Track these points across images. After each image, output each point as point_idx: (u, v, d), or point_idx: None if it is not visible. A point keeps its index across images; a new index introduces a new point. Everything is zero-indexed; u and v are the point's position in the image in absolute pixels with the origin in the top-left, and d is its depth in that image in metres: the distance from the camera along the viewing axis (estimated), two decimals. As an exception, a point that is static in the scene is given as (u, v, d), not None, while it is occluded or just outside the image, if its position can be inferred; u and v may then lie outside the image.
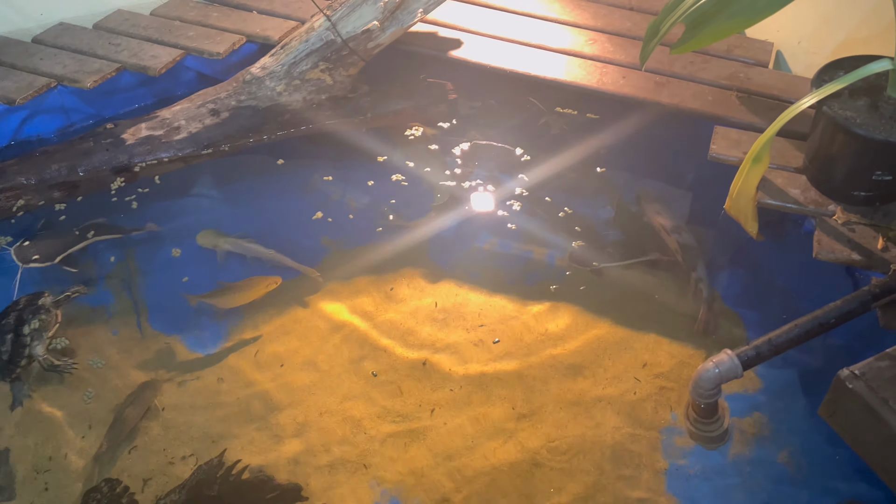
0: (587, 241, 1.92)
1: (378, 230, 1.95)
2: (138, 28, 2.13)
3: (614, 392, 1.63)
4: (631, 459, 1.50)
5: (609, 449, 1.52)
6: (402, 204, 2.01)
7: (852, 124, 1.50)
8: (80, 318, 1.76)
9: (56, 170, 1.85)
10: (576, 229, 1.95)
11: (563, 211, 1.99)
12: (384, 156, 2.09)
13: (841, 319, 1.34)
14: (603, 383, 1.65)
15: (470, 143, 2.13)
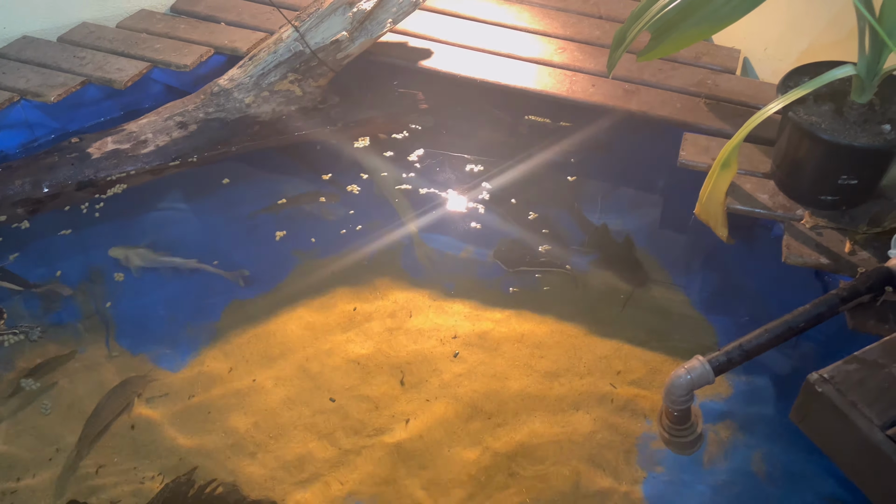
0: (558, 248, 1.92)
1: (348, 240, 1.94)
2: (104, 41, 2.10)
3: (590, 400, 1.63)
4: (607, 466, 1.50)
5: (585, 456, 1.51)
6: (370, 214, 2.00)
7: (817, 129, 1.52)
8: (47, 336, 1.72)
9: (20, 185, 1.81)
10: (544, 232, 1.95)
11: (531, 214, 1.99)
12: (352, 165, 2.08)
13: (810, 323, 1.35)
14: (578, 391, 1.64)
15: (439, 152, 2.13)
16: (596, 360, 1.70)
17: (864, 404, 1.11)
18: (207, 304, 1.80)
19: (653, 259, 1.90)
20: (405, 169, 2.09)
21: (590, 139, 2.14)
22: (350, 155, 2.10)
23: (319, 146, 2.10)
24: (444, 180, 2.07)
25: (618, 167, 2.16)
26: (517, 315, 1.79)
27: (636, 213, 2.03)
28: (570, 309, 1.80)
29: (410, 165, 2.10)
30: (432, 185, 2.05)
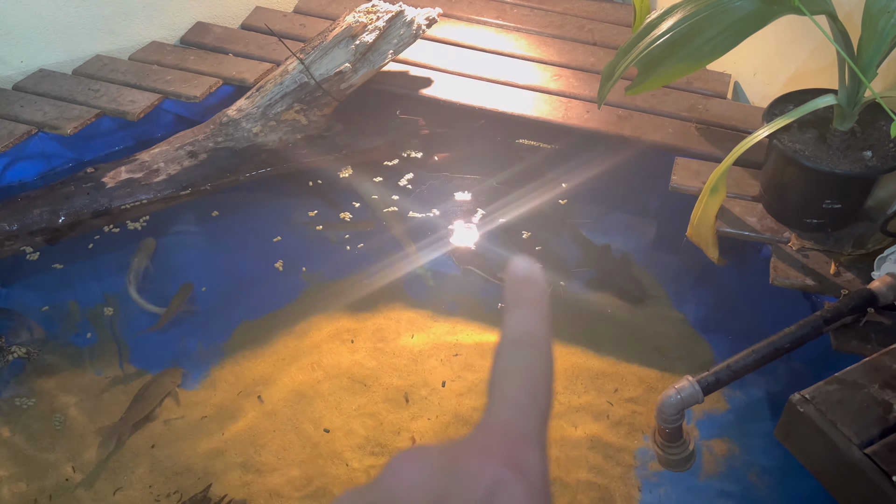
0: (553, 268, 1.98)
1: (353, 263, 2.01)
2: (117, 73, 2.18)
3: (587, 417, 1.68)
4: (605, 482, 1.55)
5: (584, 472, 1.57)
6: (373, 237, 2.07)
7: (801, 157, 1.58)
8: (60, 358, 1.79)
9: (38, 214, 1.89)
10: (536, 249, 2.01)
11: (526, 234, 2.05)
12: (356, 190, 2.15)
13: (795, 344, 1.41)
14: (576, 408, 1.70)
15: (441, 175, 2.20)
16: (592, 378, 1.76)
17: (843, 424, 1.17)
18: (217, 324, 1.87)
19: (650, 277, 1.97)
20: (405, 193, 2.17)
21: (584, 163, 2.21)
22: (355, 180, 2.17)
23: (324, 172, 2.18)
24: (443, 203, 2.13)
25: (612, 190, 2.22)
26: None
27: (632, 234, 2.10)
28: (568, 327, 1.86)
29: (411, 190, 2.18)
30: (432, 208, 2.12)
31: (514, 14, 2.47)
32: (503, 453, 0.29)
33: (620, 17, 2.47)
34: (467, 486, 0.28)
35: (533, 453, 0.30)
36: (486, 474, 0.28)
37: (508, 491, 0.28)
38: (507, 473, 0.28)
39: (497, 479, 0.28)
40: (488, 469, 0.28)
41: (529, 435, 0.30)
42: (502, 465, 0.29)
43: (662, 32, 1.37)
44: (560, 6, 2.52)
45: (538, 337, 0.33)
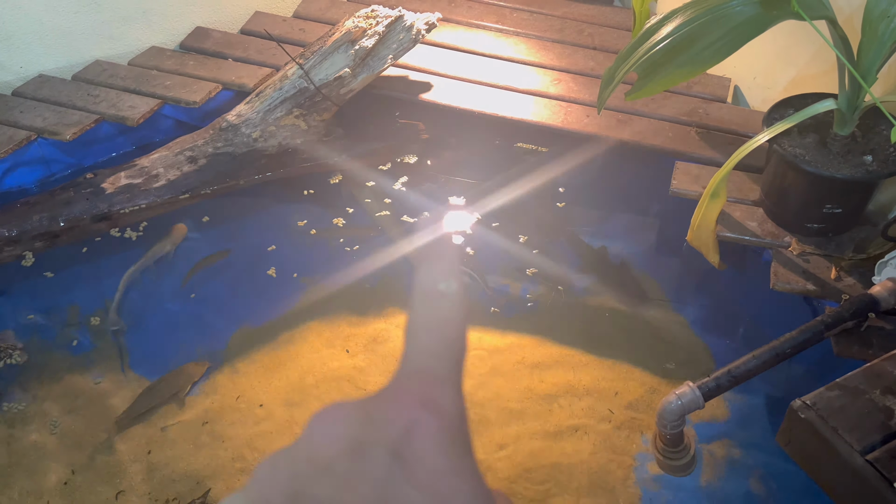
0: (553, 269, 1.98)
1: (353, 267, 2.01)
2: (116, 78, 2.18)
3: (589, 421, 1.68)
4: (606, 486, 1.55)
5: (585, 477, 1.57)
6: (374, 241, 2.07)
7: (801, 161, 1.58)
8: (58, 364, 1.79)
9: (38, 220, 1.88)
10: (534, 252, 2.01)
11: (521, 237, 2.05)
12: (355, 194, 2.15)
13: (796, 349, 1.41)
14: (578, 412, 1.70)
15: (438, 178, 2.20)
16: (594, 382, 1.75)
17: (844, 430, 1.17)
18: (216, 330, 1.87)
19: (652, 281, 1.96)
20: (405, 196, 2.17)
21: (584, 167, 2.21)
22: (355, 184, 2.17)
23: (324, 177, 2.18)
24: (441, 206, 2.13)
25: (612, 194, 2.22)
26: (516, 337, 1.85)
27: (632, 238, 2.09)
28: (568, 331, 1.86)
29: (411, 193, 2.17)
30: (430, 211, 2.12)
31: (514, 18, 2.47)
32: (418, 396, 0.30)
33: (620, 21, 2.47)
34: (385, 429, 0.29)
35: (446, 393, 0.31)
36: (402, 416, 0.30)
37: (423, 428, 0.29)
38: (421, 413, 0.30)
39: (412, 418, 0.30)
40: (404, 412, 0.30)
41: (443, 378, 0.32)
42: (417, 406, 0.30)
43: (662, 37, 1.36)
44: (559, 10, 2.52)
45: (450, 287, 0.34)
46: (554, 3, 2.55)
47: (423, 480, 0.28)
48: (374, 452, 0.29)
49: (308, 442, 0.31)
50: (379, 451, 0.29)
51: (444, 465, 0.29)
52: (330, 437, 0.30)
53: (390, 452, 0.29)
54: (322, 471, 0.29)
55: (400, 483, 0.28)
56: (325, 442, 0.30)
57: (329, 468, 0.29)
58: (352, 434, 0.30)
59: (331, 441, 0.30)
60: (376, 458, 0.29)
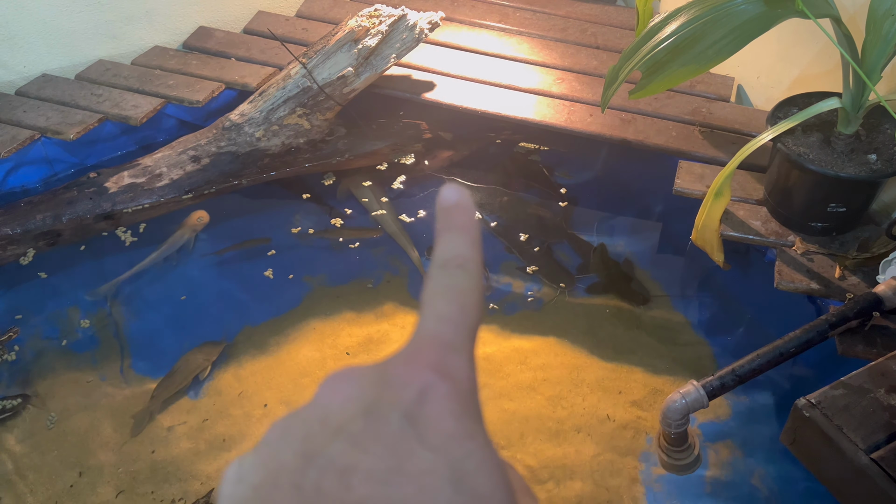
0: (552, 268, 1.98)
1: (355, 267, 2.01)
2: (119, 78, 2.18)
3: (593, 421, 1.68)
4: (610, 486, 1.55)
5: (589, 477, 1.57)
6: (376, 241, 2.07)
7: (805, 160, 1.57)
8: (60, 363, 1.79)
9: (41, 219, 1.89)
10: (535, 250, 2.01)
11: (522, 236, 2.05)
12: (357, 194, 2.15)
13: (801, 348, 1.40)
14: (581, 412, 1.70)
15: (439, 178, 2.20)
16: (597, 382, 1.75)
17: (849, 429, 1.16)
18: (219, 329, 1.87)
19: (654, 282, 1.96)
20: (405, 196, 2.17)
21: (587, 167, 2.21)
22: (356, 184, 2.17)
23: (326, 176, 2.18)
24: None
25: (615, 194, 2.22)
26: (520, 337, 1.85)
27: (635, 238, 2.09)
28: (571, 331, 1.85)
29: (411, 192, 2.18)
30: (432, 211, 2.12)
31: (517, 18, 2.47)
32: (431, 361, 0.31)
33: (623, 20, 2.46)
34: (397, 391, 0.30)
35: (460, 360, 0.31)
36: (416, 380, 0.30)
37: (436, 392, 0.30)
38: (434, 378, 0.30)
39: (426, 382, 0.30)
40: (417, 375, 0.30)
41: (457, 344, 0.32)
42: (430, 370, 0.30)
43: (666, 36, 1.36)
44: (562, 10, 2.51)
45: (467, 258, 0.35)
46: (557, 3, 2.55)
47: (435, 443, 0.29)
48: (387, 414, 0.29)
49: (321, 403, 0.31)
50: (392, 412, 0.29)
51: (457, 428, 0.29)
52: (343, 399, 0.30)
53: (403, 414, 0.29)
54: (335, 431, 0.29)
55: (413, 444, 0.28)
56: (338, 403, 0.30)
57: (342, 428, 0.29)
58: (365, 396, 0.30)
59: (344, 402, 0.30)
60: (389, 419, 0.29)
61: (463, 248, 0.35)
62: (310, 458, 0.29)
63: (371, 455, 0.28)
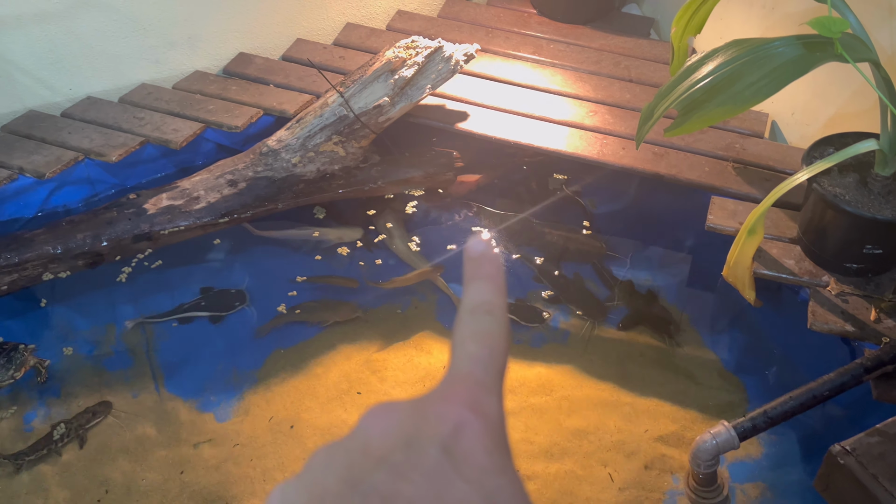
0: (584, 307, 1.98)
1: (384, 293, 2.02)
2: (161, 102, 2.24)
3: (618, 456, 1.67)
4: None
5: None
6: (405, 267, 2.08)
7: (841, 201, 1.57)
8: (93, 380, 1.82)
9: (81, 239, 1.93)
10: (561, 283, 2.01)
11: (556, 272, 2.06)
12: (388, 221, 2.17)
13: (834, 392, 1.39)
14: (608, 446, 1.68)
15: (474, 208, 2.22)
16: (624, 417, 1.74)
17: (885, 478, 1.15)
18: (250, 351, 1.90)
19: (683, 316, 1.95)
20: (435, 223, 2.19)
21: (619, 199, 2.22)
22: (389, 211, 2.19)
23: (359, 203, 2.21)
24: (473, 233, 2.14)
25: (646, 227, 2.22)
26: (546, 368, 1.84)
27: (665, 272, 2.08)
28: (597, 363, 1.85)
29: (441, 220, 2.19)
30: (461, 240, 2.14)
31: (551, 49, 2.50)
32: (465, 399, 0.33)
33: (657, 54, 2.48)
34: (434, 426, 0.32)
35: (491, 399, 0.34)
36: (451, 416, 0.32)
37: (471, 428, 0.32)
38: (469, 415, 0.32)
39: (461, 418, 0.32)
40: (453, 411, 0.32)
41: (488, 385, 0.34)
42: (465, 408, 0.32)
43: (703, 76, 1.37)
44: (596, 43, 2.54)
45: (495, 306, 0.37)
46: (590, 35, 2.57)
47: (470, 475, 0.30)
48: (426, 446, 0.31)
49: (362, 434, 0.33)
50: (430, 445, 0.31)
51: (490, 463, 0.31)
52: (383, 431, 0.32)
53: (441, 448, 0.31)
54: (377, 461, 0.31)
55: (450, 476, 0.30)
56: (379, 434, 0.32)
57: (384, 459, 0.31)
58: (404, 429, 0.32)
59: (384, 434, 0.32)
60: (428, 451, 0.31)
61: (490, 296, 0.37)
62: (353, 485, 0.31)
63: (412, 484, 0.30)
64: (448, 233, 2.18)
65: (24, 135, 2.11)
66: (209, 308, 1.98)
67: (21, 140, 2.08)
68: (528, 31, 2.60)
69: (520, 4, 2.74)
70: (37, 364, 1.81)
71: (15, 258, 1.88)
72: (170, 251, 2.07)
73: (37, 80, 2.18)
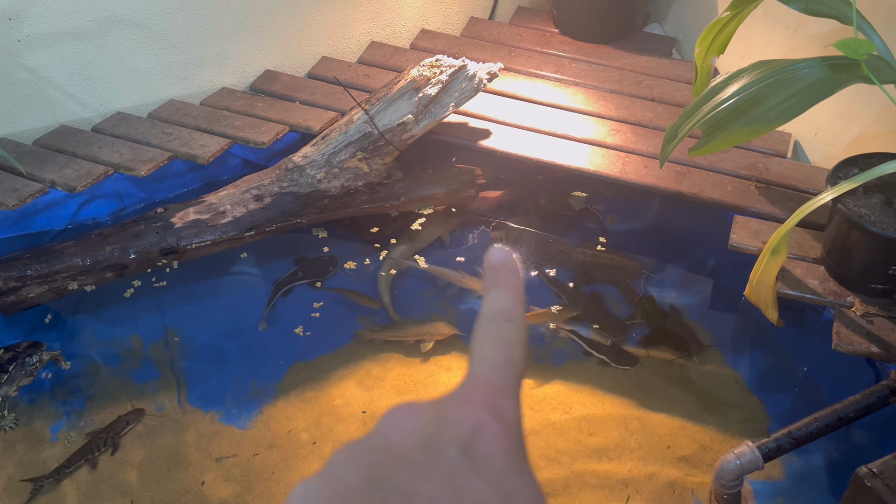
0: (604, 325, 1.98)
1: (405, 308, 2.04)
2: (189, 117, 2.28)
3: (639, 475, 1.66)
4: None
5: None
6: (426, 283, 2.10)
7: (866, 222, 1.56)
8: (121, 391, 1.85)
9: (109, 251, 1.97)
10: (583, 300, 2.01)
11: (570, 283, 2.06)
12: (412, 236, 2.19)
13: (860, 414, 1.38)
14: (628, 465, 1.68)
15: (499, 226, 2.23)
16: (646, 436, 1.73)
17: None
18: (270, 364, 1.92)
19: (705, 334, 1.95)
20: (459, 240, 2.20)
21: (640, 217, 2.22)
22: (413, 226, 2.21)
23: (382, 218, 2.23)
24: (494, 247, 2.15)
25: (668, 245, 2.22)
26: (566, 386, 1.84)
27: (687, 290, 2.08)
28: (620, 381, 1.85)
29: (465, 237, 2.21)
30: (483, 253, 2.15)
31: (573, 68, 2.51)
32: (484, 402, 0.34)
33: (679, 73, 2.49)
34: (454, 428, 0.32)
35: (509, 404, 0.34)
36: (470, 418, 0.33)
37: (489, 431, 0.32)
38: (487, 417, 0.33)
39: (479, 421, 0.33)
40: (472, 414, 0.33)
41: (506, 389, 0.35)
42: (483, 411, 0.33)
43: (728, 96, 1.38)
44: (618, 62, 2.55)
45: (514, 313, 0.38)
46: (613, 54, 2.59)
47: (489, 476, 0.31)
48: (445, 447, 0.32)
49: (383, 434, 0.34)
50: (450, 446, 0.32)
51: (508, 464, 0.32)
52: (404, 431, 0.33)
53: (460, 448, 0.32)
54: (398, 459, 0.32)
55: (469, 476, 0.31)
56: (400, 434, 0.33)
57: (405, 458, 0.32)
58: (424, 429, 0.33)
59: (405, 434, 0.33)
60: (448, 452, 0.32)
61: (510, 304, 0.38)
62: (375, 483, 0.32)
63: (433, 483, 0.31)
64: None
65: (55, 149, 2.15)
66: (307, 276, 2.09)
67: (53, 154, 2.13)
68: (551, 50, 2.62)
69: (542, 23, 2.77)
70: (52, 358, 1.86)
71: (45, 269, 1.92)
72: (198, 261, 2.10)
73: (69, 95, 2.23)
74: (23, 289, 1.91)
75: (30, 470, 1.69)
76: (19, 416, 1.79)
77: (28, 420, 1.79)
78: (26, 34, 2.07)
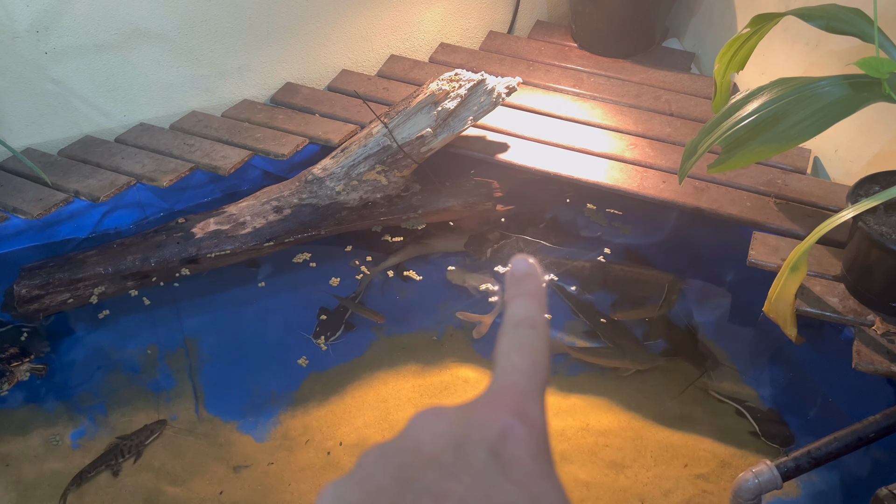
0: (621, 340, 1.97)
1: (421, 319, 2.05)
2: (210, 129, 2.31)
3: (656, 491, 1.65)
4: (672, 565, 1.52)
5: (650, 552, 1.54)
6: (441, 294, 2.10)
7: (887, 240, 1.55)
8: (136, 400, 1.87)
9: (131, 261, 1.99)
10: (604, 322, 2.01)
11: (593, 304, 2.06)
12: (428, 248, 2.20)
13: (881, 434, 1.37)
14: (644, 481, 1.67)
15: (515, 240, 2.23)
16: (662, 452, 1.73)
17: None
18: (287, 374, 1.93)
19: (722, 351, 1.94)
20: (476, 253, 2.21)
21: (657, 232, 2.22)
22: (427, 238, 2.22)
23: (400, 230, 2.24)
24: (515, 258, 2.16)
25: (685, 261, 2.21)
26: (582, 400, 1.84)
27: (705, 306, 2.08)
28: (636, 396, 1.84)
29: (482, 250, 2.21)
30: (500, 269, 2.15)
31: (591, 83, 2.52)
32: (511, 406, 0.34)
33: (698, 88, 2.49)
34: (482, 430, 0.33)
35: (535, 408, 0.35)
36: (498, 421, 0.33)
37: (517, 434, 0.33)
38: (515, 421, 0.34)
39: (507, 424, 0.33)
40: (499, 417, 0.34)
41: (532, 394, 0.36)
42: (511, 414, 0.34)
43: (748, 113, 1.38)
44: (637, 76, 2.56)
45: (537, 321, 0.39)
46: (631, 69, 2.60)
47: (517, 478, 0.32)
48: (474, 449, 0.33)
49: (412, 436, 0.34)
50: (478, 448, 0.33)
51: (535, 467, 0.33)
52: (433, 433, 0.34)
53: (488, 451, 0.33)
54: (428, 461, 0.33)
55: (498, 478, 0.32)
56: (429, 436, 0.34)
57: (435, 459, 0.33)
58: (453, 432, 0.34)
59: (434, 436, 0.34)
60: (476, 454, 0.32)
61: (533, 312, 0.39)
62: (406, 483, 0.32)
63: (462, 484, 0.31)
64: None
65: (79, 159, 2.19)
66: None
67: (77, 164, 2.17)
68: (569, 65, 2.63)
69: (561, 38, 2.78)
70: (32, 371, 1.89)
71: (68, 278, 1.94)
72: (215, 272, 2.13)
73: (93, 106, 2.27)
74: (45, 297, 1.94)
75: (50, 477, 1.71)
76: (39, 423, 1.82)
77: (48, 426, 1.81)
78: (53, 47, 2.11)
